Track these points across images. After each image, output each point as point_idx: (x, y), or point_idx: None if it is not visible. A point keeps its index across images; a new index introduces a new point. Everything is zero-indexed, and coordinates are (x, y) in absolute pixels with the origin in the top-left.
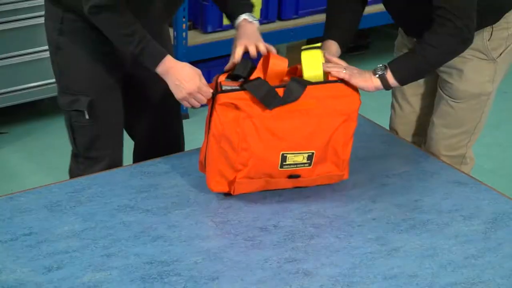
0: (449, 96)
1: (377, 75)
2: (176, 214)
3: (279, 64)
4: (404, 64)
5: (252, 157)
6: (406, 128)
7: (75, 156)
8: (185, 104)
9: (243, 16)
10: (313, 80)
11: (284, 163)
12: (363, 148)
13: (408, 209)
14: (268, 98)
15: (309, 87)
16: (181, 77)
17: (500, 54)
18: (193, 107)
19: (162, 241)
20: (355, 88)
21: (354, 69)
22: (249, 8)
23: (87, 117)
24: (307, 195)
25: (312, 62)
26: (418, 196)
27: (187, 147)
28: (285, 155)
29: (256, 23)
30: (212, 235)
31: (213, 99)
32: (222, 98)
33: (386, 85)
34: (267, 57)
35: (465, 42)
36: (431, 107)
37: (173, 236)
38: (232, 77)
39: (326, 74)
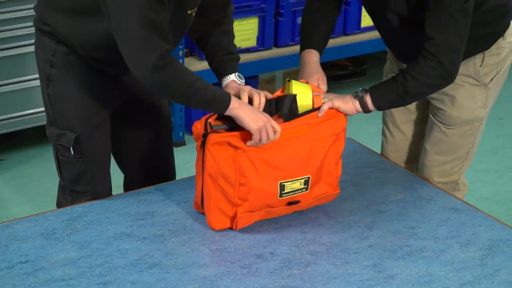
0: (441, 123)
1: (357, 98)
2: (173, 241)
3: None
4: (384, 90)
5: (251, 191)
6: (398, 155)
7: (62, 188)
8: (257, 136)
9: (232, 78)
10: (302, 110)
11: (282, 192)
12: (360, 175)
13: (404, 236)
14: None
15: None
16: (253, 108)
17: (492, 80)
18: (259, 144)
19: (159, 269)
20: None
21: (332, 94)
22: (236, 64)
23: (72, 153)
24: (303, 222)
25: (303, 93)
26: (415, 223)
27: (184, 174)
28: (283, 184)
29: (242, 83)
30: (208, 263)
31: (204, 139)
32: (214, 137)
33: (365, 109)
34: None
35: (446, 77)
36: (422, 133)
37: (170, 263)
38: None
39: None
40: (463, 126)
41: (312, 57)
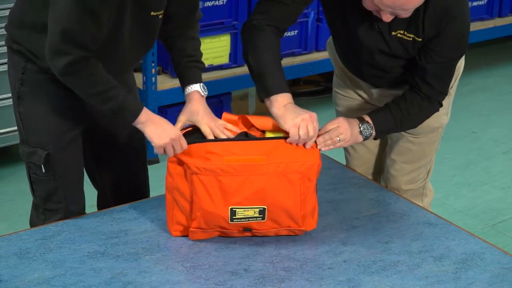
0: (408, 133)
1: (364, 136)
2: (147, 259)
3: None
4: (387, 129)
5: (200, 211)
6: (362, 168)
7: (35, 206)
8: (160, 151)
9: (196, 88)
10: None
11: (234, 217)
12: (333, 191)
13: (378, 250)
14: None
15: (260, 144)
16: (162, 125)
17: (451, 86)
18: (165, 154)
19: (133, 287)
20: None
21: (340, 123)
22: (199, 73)
23: (43, 171)
24: (277, 238)
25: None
26: (388, 237)
27: (158, 191)
28: (234, 209)
29: (205, 95)
30: (183, 280)
31: None
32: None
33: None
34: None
35: (439, 105)
36: (384, 144)
37: (144, 282)
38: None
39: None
40: (429, 134)
41: (286, 100)
